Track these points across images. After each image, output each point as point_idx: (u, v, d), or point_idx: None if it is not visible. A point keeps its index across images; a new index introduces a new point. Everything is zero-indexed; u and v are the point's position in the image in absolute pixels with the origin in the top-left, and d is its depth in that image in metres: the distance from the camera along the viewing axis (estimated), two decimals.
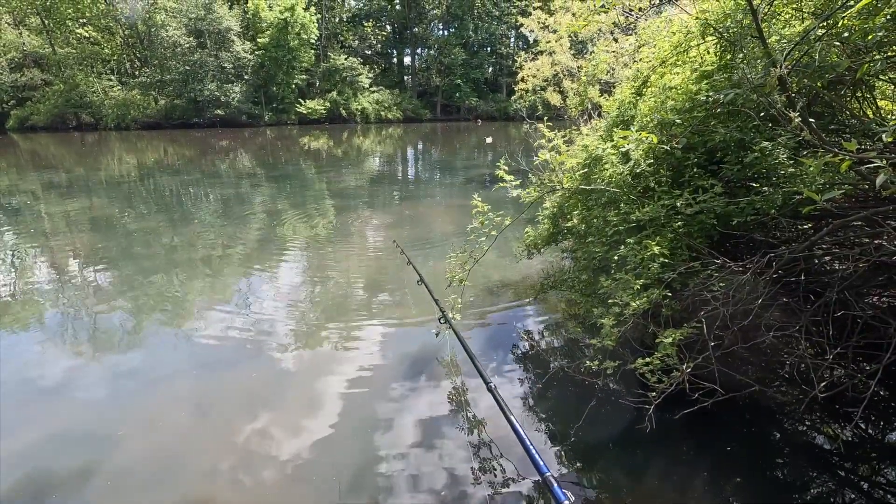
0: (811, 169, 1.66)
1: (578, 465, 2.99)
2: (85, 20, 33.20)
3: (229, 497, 2.78)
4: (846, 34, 2.54)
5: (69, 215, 9.92)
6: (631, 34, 5.58)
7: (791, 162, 2.58)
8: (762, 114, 2.93)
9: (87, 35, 33.46)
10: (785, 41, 2.56)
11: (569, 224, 3.49)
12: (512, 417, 1.40)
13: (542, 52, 10.11)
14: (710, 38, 3.17)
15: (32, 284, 6.11)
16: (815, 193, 1.63)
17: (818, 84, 2.51)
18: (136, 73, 34.77)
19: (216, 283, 6.08)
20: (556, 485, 1.11)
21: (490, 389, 1.57)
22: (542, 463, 1.20)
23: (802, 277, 2.95)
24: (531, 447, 1.29)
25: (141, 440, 3.26)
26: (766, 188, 2.66)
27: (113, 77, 34.26)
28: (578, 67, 9.03)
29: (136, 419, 3.46)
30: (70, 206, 10.74)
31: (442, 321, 2.34)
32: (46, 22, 32.15)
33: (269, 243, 7.86)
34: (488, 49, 47.08)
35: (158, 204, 11.42)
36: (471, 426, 3.30)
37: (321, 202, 11.28)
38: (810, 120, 2.38)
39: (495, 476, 2.86)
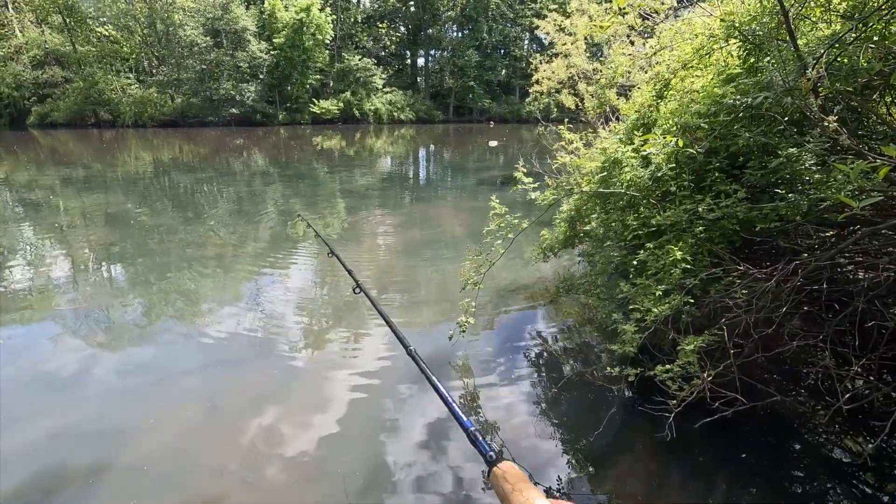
0: (850, 174, 1.60)
1: (592, 471, 2.95)
2: (105, 19, 33.76)
3: (238, 496, 2.78)
4: (876, 38, 2.48)
5: (86, 210, 10.07)
6: (648, 37, 5.52)
7: (818, 168, 2.52)
8: (786, 118, 2.87)
9: (106, 34, 34.04)
10: (814, 44, 2.50)
11: (586, 227, 3.45)
12: (434, 378, 1.36)
13: (557, 55, 10.04)
14: (733, 40, 3.12)
15: (48, 278, 6.19)
16: (850, 199, 1.58)
17: (849, 88, 2.45)
18: (154, 71, 35.28)
19: (228, 280, 6.11)
20: (480, 437, 1.10)
21: (410, 353, 1.55)
22: (465, 419, 1.19)
23: (825, 286, 2.88)
24: (453, 404, 1.27)
25: (151, 437, 3.27)
26: (790, 194, 2.60)
27: (131, 75, 34.83)
28: (594, 70, 8.95)
29: (147, 416, 3.47)
30: (87, 202, 10.90)
31: (357, 291, 2.27)
32: (68, 20, 32.77)
33: (280, 242, 7.90)
34: (502, 51, 47.02)
35: (173, 201, 11.54)
36: (482, 430, 3.27)
37: (333, 202, 11.33)
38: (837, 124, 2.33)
39: None
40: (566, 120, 3.89)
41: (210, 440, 3.25)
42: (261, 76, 35.06)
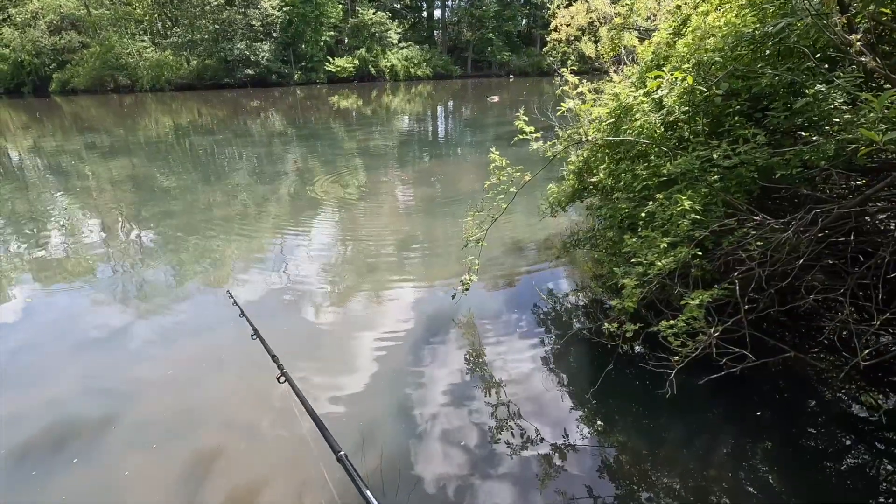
0: (874, 105, 1.43)
1: (598, 428, 2.94)
2: None
3: (243, 447, 2.87)
4: None
5: (112, 175, 10.26)
6: None
7: (848, 107, 2.30)
8: (818, 55, 2.61)
9: None
10: None
11: (594, 179, 3.29)
12: (368, 493, 1.22)
13: None
14: None
15: (78, 241, 6.38)
16: (873, 133, 1.41)
17: (885, 10, 2.18)
18: (168, 33, 34.96)
19: (250, 241, 6.18)
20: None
21: (339, 459, 1.40)
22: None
23: (852, 237, 2.70)
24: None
25: (168, 391, 3.39)
26: (816, 137, 2.39)
27: (146, 38, 34.63)
28: (616, 14, 8.42)
29: (166, 371, 3.60)
30: (112, 167, 11.10)
31: (281, 380, 1.97)
32: None
33: (300, 202, 7.92)
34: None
35: (194, 164, 11.66)
36: (488, 386, 3.29)
37: (351, 161, 11.24)
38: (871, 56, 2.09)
39: (512, 435, 2.85)
40: (568, 61, 3.64)
41: (230, 395, 3.35)
42: (274, 34, 34.36)
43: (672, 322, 2.31)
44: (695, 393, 2.95)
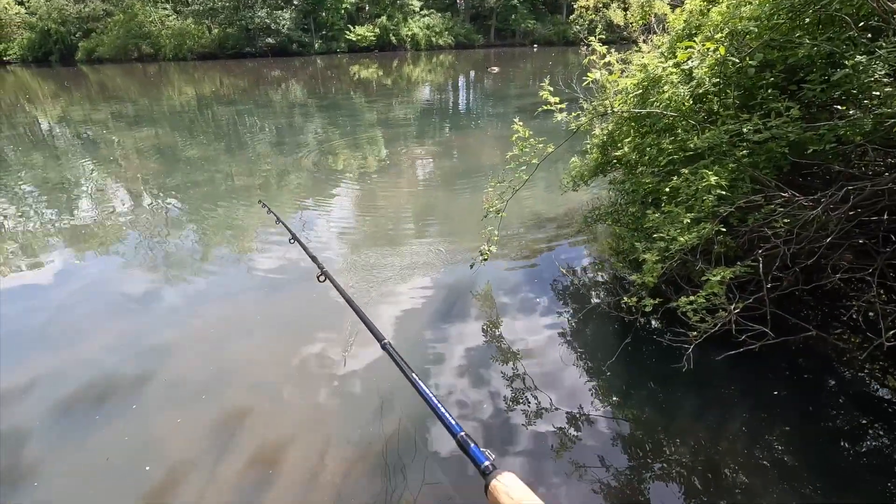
0: None
1: (614, 400, 2.98)
2: None
3: (269, 408, 3.01)
4: None
5: (138, 145, 10.45)
6: None
7: (890, 79, 2.20)
8: (860, 24, 2.49)
9: None
10: None
11: (618, 153, 3.23)
12: (414, 376, 1.18)
13: None
14: None
15: (110, 209, 6.59)
16: None
17: None
18: (189, 1, 34.81)
19: (274, 210, 6.27)
20: (473, 444, 0.92)
21: (384, 347, 1.36)
22: (453, 422, 1.02)
23: (885, 216, 2.62)
24: (438, 405, 1.08)
25: (196, 354, 3.55)
26: (853, 111, 2.30)
27: (168, 6, 34.58)
28: None
29: (193, 334, 3.76)
30: (138, 136, 11.29)
31: (321, 279, 2.01)
32: None
33: (321, 173, 7.98)
34: None
35: (217, 134, 11.78)
36: (504, 357, 3.35)
37: (371, 133, 11.21)
38: None
39: (528, 405, 2.92)
40: (596, 30, 3.53)
41: (252, 359, 3.49)
42: (294, 2, 33.91)
43: (692, 298, 2.30)
44: (712, 368, 2.95)
